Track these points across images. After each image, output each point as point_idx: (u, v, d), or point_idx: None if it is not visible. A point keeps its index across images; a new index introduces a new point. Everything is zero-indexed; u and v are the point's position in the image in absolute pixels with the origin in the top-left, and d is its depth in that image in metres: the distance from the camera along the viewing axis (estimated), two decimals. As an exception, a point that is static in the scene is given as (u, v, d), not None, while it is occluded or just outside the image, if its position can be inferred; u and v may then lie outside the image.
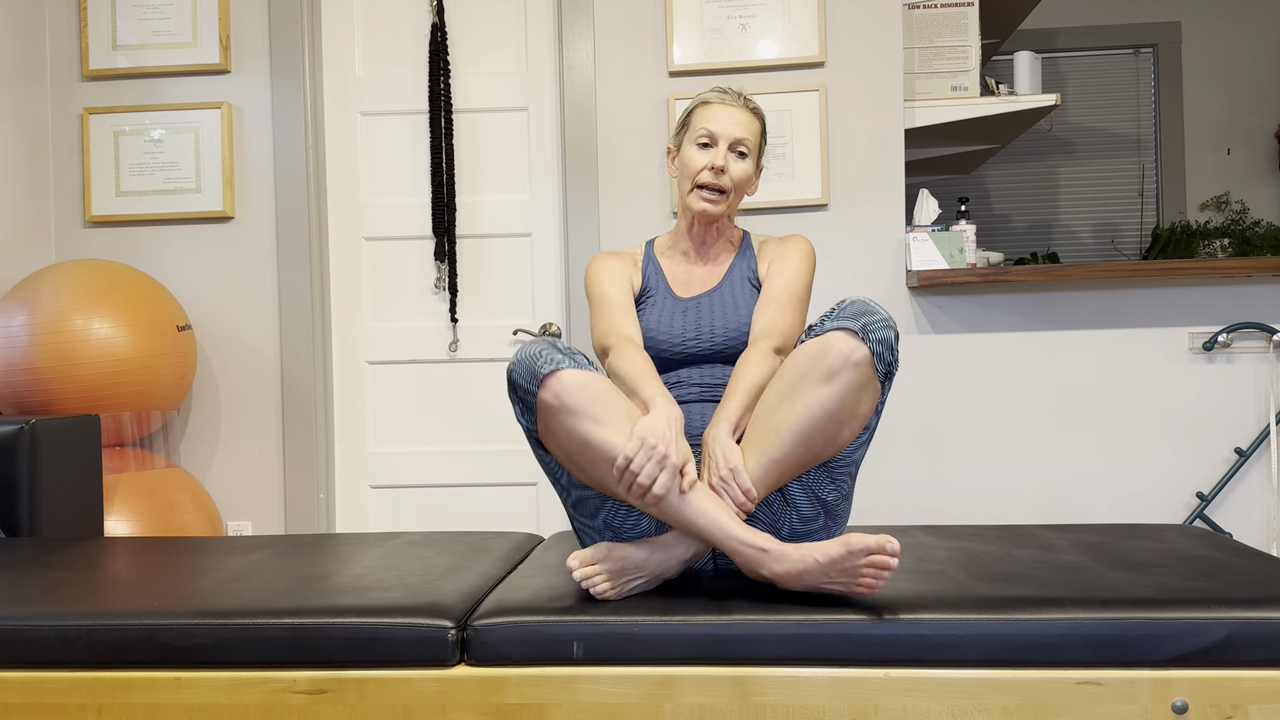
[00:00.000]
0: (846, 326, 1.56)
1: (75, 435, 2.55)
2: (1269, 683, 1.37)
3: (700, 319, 1.89)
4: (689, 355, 1.87)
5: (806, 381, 1.56)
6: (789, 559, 1.48)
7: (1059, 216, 4.96)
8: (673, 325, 1.90)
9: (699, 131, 1.90)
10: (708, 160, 1.87)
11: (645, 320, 1.91)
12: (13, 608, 1.56)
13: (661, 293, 1.95)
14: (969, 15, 3.15)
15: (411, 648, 1.47)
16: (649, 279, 1.97)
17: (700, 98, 1.94)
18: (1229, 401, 3.00)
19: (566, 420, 1.54)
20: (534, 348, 1.59)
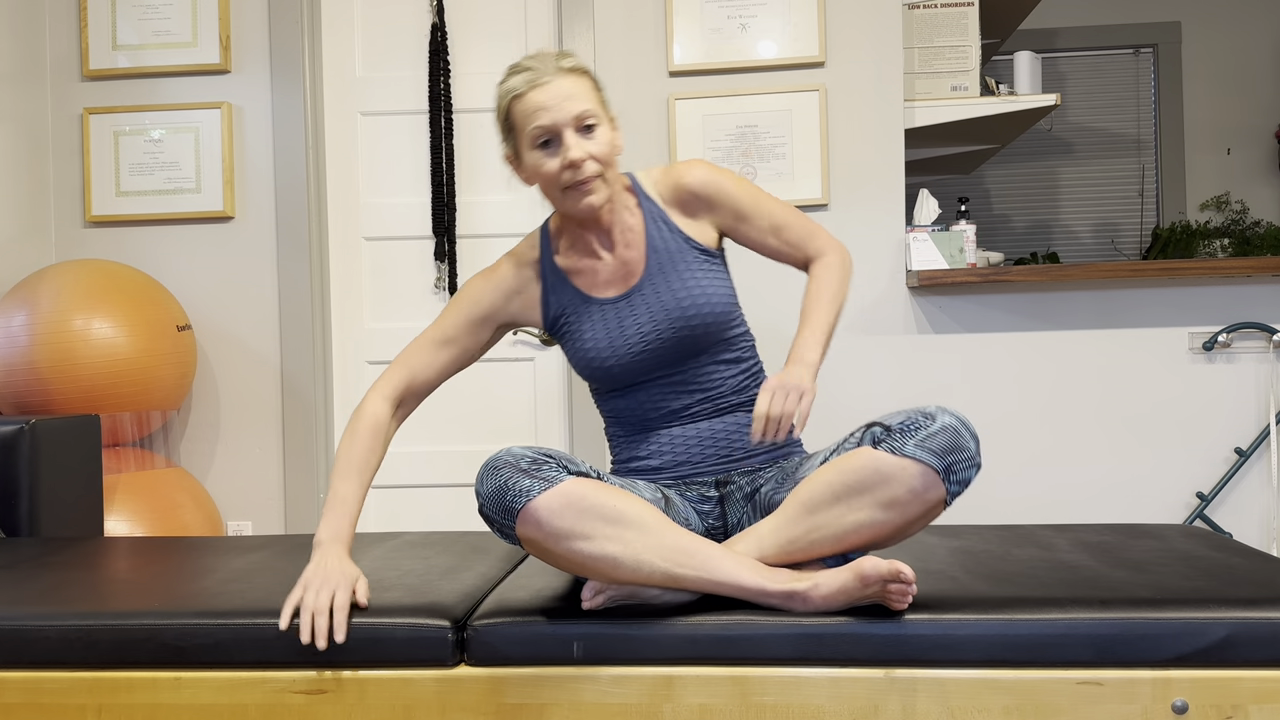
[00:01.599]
0: (930, 463, 1.41)
1: (75, 435, 2.55)
2: (1269, 683, 1.37)
3: (639, 314, 1.65)
4: (646, 364, 1.65)
5: (864, 498, 1.44)
6: (816, 597, 1.44)
7: (1059, 216, 4.97)
8: (612, 337, 1.65)
9: (532, 134, 1.58)
10: (559, 160, 1.58)
11: (579, 344, 1.67)
12: (13, 608, 1.56)
13: (577, 306, 1.68)
14: (969, 15, 3.15)
15: (411, 648, 1.46)
16: (554, 297, 1.69)
17: (509, 91, 1.60)
18: (1229, 401, 3.00)
19: (556, 546, 1.43)
20: (499, 476, 1.43)
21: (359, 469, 1.60)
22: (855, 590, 1.42)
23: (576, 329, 1.69)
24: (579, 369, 1.70)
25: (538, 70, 1.58)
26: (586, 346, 1.67)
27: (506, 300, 1.71)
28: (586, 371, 1.68)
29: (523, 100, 1.58)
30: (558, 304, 1.70)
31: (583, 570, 1.46)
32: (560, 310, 1.70)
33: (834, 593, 1.43)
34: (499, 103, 1.63)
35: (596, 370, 1.67)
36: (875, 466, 1.43)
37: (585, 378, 1.71)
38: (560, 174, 1.59)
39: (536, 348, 3.24)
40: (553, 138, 1.58)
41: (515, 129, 1.62)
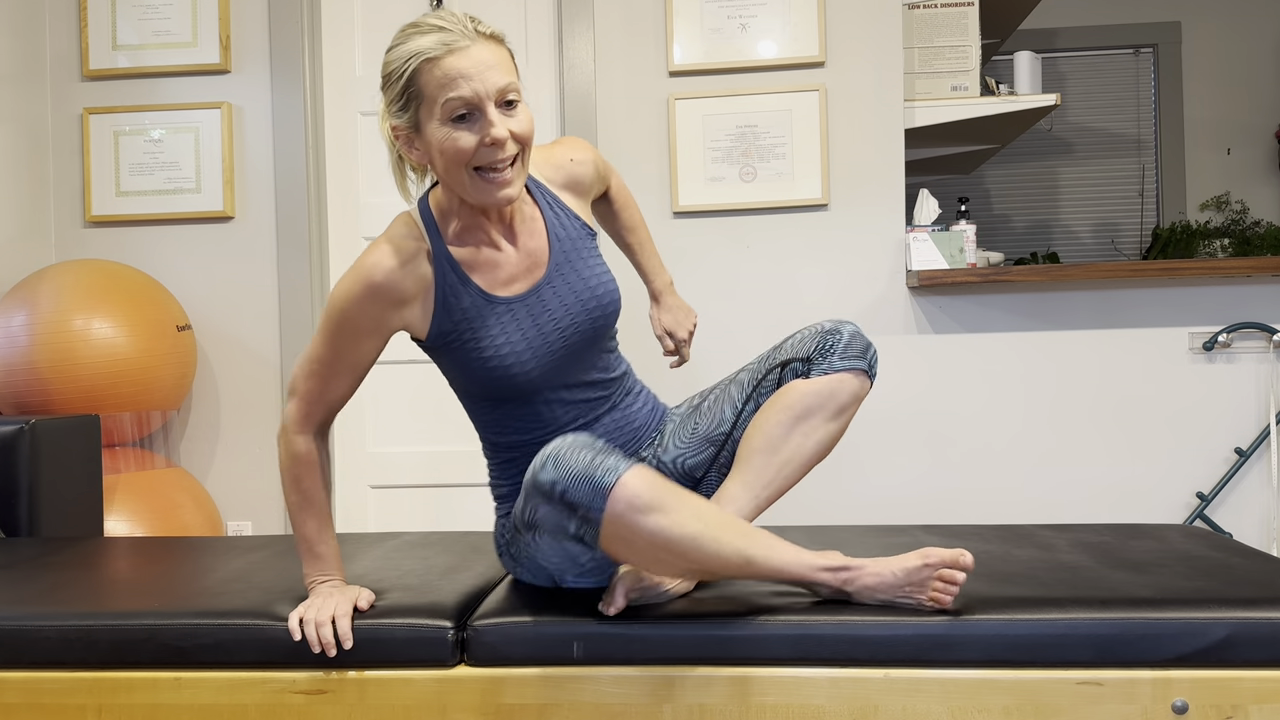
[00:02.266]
0: (858, 367, 1.60)
1: (75, 435, 2.54)
2: (1269, 683, 1.37)
3: (553, 310, 1.53)
4: (560, 363, 1.55)
5: (818, 417, 1.58)
6: (869, 573, 1.46)
7: (1059, 216, 4.97)
8: (530, 339, 1.51)
9: (447, 104, 1.37)
10: (478, 137, 1.39)
11: (489, 351, 1.50)
12: (13, 608, 1.56)
13: (480, 308, 1.50)
14: (969, 15, 3.15)
15: (411, 648, 1.46)
16: (452, 300, 1.49)
17: (417, 53, 1.37)
18: (1229, 401, 3.00)
19: (645, 523, 1.34)
20: (581, 457, 1.34)
21: (310, 507, 1.54)
22: (908, 573, 1.43)
23: (483, 334, 1.50)
24: (482, 379, 1.51)
25: (453, 33, 1.38)
26: (503, 353, 1.49)
27: (398, 308, 1.48)
28: (494, 381, 1.51)
29: (437, 65, 1.37)
30: (456, 309, 1.49)
31: (662, 552, 1.37)
32: (460, 316, 1.49)
33: (883, 572, 1.45)
34: (396, 66, 1.40)
35: (513, 378, 1.51)
36: (817, 390, 1.58)
37: (487, 388, 1.53)
38: (476, 152, 1.40)
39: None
40: (471, 111, 1.39)
41: (422, 97, 1.39)
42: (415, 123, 1.43)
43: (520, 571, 1.62)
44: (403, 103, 1.42)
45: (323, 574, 1.54)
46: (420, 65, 1.38)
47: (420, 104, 1.41)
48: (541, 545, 1.46)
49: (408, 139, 1.46)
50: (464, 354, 1.52)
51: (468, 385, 1.56)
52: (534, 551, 1.50)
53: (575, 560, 1.49)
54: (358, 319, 1.47)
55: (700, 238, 3.13)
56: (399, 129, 1.46)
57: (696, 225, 3.13)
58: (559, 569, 1.55)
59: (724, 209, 3.11)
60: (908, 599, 1.45)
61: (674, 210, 3.12)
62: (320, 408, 1.56)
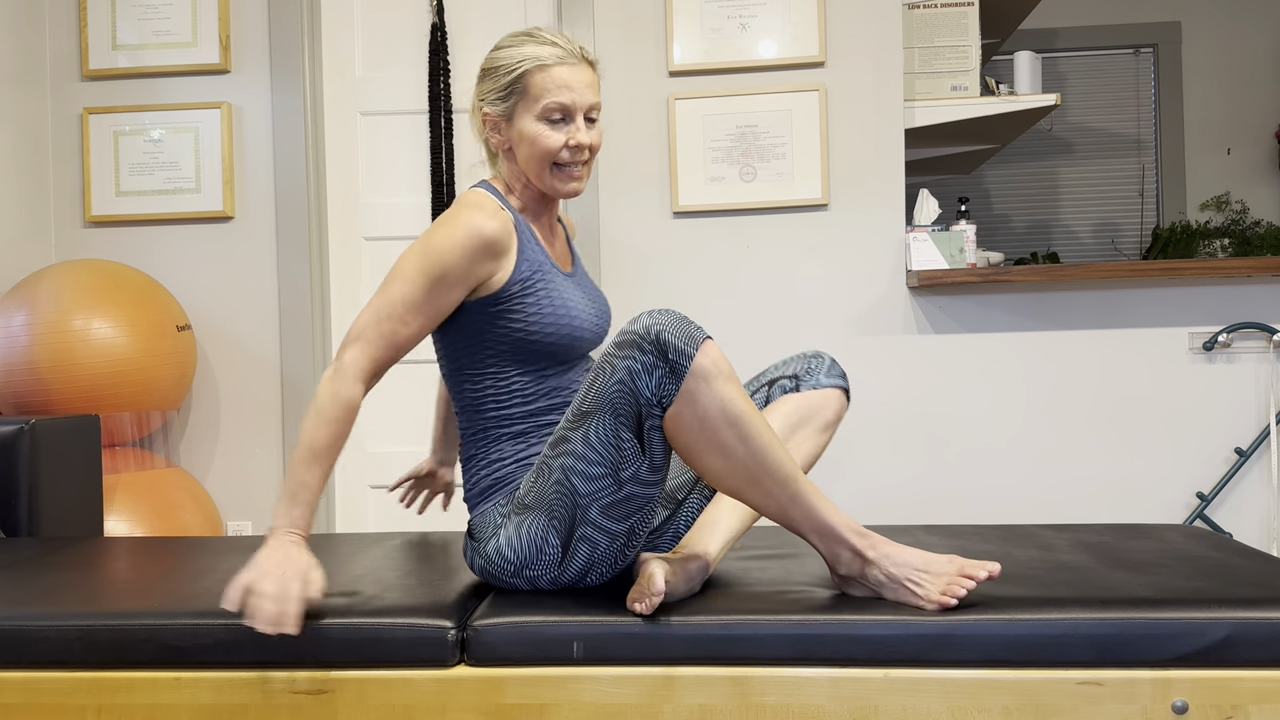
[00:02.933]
0: (842, 385, 1.77)
1: (75, 435, 2.55)
2: (1269, 683, 1.37)
3: (586, 296, 1.72)
4: (594, 346, 1.72)
5: (810, 427, 1.73)
6: (890, 543, 1.50)
7: (1059, 216, 4.97)
8: (587, 309, 1.67)
9: (547, 105, 1.61)
10: (565, 138, 1.62)
11: (560, 303, 1.62)
12: (13, 608, 1.56)
13: (547, 268, 1.64)
14: (969, 15, 3.15)
15: (411, 648, 1.46)
16: (529, 254, 1.63)
17: (533, 58, 1.61)
18: (1229, 401, 3.00)
19: (725, 388, 1.44)
20: (675, 313, 1.47)
21: (326, 455, 1.51)
22: (929, 561, 1.47)
23: (554, 287, 1.63)
24: (549, 330, 1.60)
25: (566, 50, 1.62)
26: (570, 305, 1.62)
27: (496, 259, 1.58)
28: (560, 332, 1.61)
29: (549, 72, 1.61)
30: (534, 260, 1.62)
31: (728, 429, 1.44)
32: (536, 267, 1.62)
33: (906, 549, 1.49)
34: (507, 62, 1.63)
35: (577, 329, 1.62)
36: (810, 402, 1.74)
37: (545, 343, 1.61)
38: (560, 151, 1.62)
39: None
40: (565, 116, 1.62)
41: (525, 94, 1.62)
42: (510, 113, 1.64)
43: (493, 563, 1.59)
44: (504, 94, 1.64)
45: (293, 525, 1.49)
46: (533, 68, 1.61)
47: (521, 99, 1.63)
48: (579, 452, 1.49)
49: (495, 125, 1.67)
50: (537, 303, 1.60)
51: (528, 340, 1.60)
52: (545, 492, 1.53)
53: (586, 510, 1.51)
54: (458, 268, 1.55)
55: (700, 238, 3.13)
56: (490, 115, 1.66)
57: (696, 225, 3.13)
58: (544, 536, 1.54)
59: (724, 209, 3.11)
60: (916, 585, 1.46)
61: (674, 210, 3.12)
62: (389, 352, 1.56)
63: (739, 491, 1.50)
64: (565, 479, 1.52)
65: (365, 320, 1.55)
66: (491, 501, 1.62)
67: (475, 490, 1.65)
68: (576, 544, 1.54)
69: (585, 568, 1.57)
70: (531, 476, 1.57)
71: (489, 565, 1.60)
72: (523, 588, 1.60)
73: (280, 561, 1.44)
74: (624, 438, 1.48)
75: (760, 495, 1.49)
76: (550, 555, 1.56)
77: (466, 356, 1.63)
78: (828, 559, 1.53)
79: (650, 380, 1.44)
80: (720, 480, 1.50)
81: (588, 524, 1.53)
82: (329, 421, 1.51)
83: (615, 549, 1.56)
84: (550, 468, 1.53)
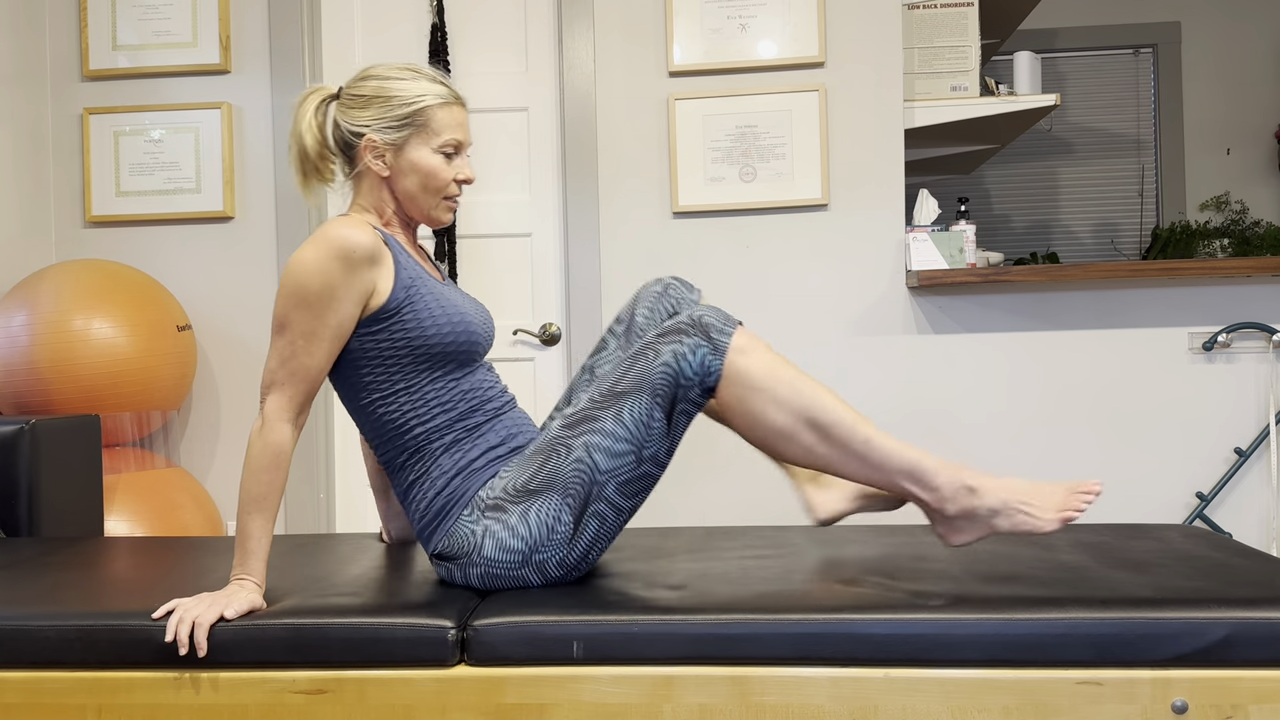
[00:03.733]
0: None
1: (75, 435, 2.55)
2: (1269, 683, 1.37)
3: (479, 306, 1.78)
4: (488, 347, 1.75)
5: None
6: (991, 478, 1.50)
7: (1059, 216, 4.97)
8: (474, 311, 1.72)
9: (445, 139, 1.69)
10: (456, 172, 1.72)
11: (445, 306, 1.65)
12: (13, 608, 1.56)
13: (427, 278, 1.69)
14: (969, 15, 3.16)
15: (411, 648, 1.47)
16: (405, 264, 1.66)
17: (436, 95, 1.70)
18: (1229, 401, 3.00)
19: (766, 353, 1.54)
20: (708, 306, 1.59)
21: (265, 502, 1.55)
22: (1036, 487, 1.47)
23: (437, 291, 1.67)
24: (445, 332, 1.63)
25: (455, 91, 1.73)
26: (459, 305, 1.67)
27: (371, 267, 1.59)
28: (456, 334, 1.64)
29: (449, 110, 1.71)
30: (411, 270, 1.66)
31: (784, 386, 1.51)
32: (415, 275, 1.65)
33: (1008, 481, 1.49)
34: (410, 98, 1.68)
35: (470, 331, 1.66)
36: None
37: (446, 345, 1.63)
38: (450, 184, 1.72)
39: (536, 347, 3.24)
40: (457, 151, 1.72)
41: (425, 128, 1.69)
42: (402, 144, 1.69)
43: (496, 562, 1.60)
44: (399, 124, 1.69)
45: (247, 575, 1.55)
46: (436, 104, 1.69)
47: (418, 132, 1.69)
48: (608, 429, 1.55)
49: (379, 152, 1.70)
50: (426, 307, 1.63)
51: (428, 345, 1.63)
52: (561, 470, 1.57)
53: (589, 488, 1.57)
54: (338, 278, 1.57)
55: (700, 238, 3.13)
56: (376, 142, 1.69)
57: (696, 225, 3.13)
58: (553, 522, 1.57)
59: (724, 209, 3.11)
60: (1029, 507, 1.46)
61: (674, 210, 3.12)
62: (304, 386, 1.58)
63: (812, 449, 1.53)
64: (588, 456, 1.58)
65: (272, 367, 1.58)
66: (452, 518, 1.63)
67: (430, 514, 1.65)
68: (587, 520, 1.60)
69: (591, 544, 1.61)
70: (537, 459, 1.61)
71: (491, 567, 1.60)
72: (530, 580, 1.61)
73: (220, 595, 1.51)
74: (655, 418, 1.56)
75: (835, 448, 1.51)
76: (561, 533, 1.59)
77: (372, 381, 1.64)
78: (930, 503, 1.51)
79: (695, 359, 1.53)
80: (790, 440, 1.53)
81: (602, 500, 1.59)
82: (262, 470, 1.55)
83: (618, 525, 1.63)
84: (570, 447, 1.59)
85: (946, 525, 1.51)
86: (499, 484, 1.62)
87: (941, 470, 1.49)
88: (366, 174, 1.72)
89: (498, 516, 1.60)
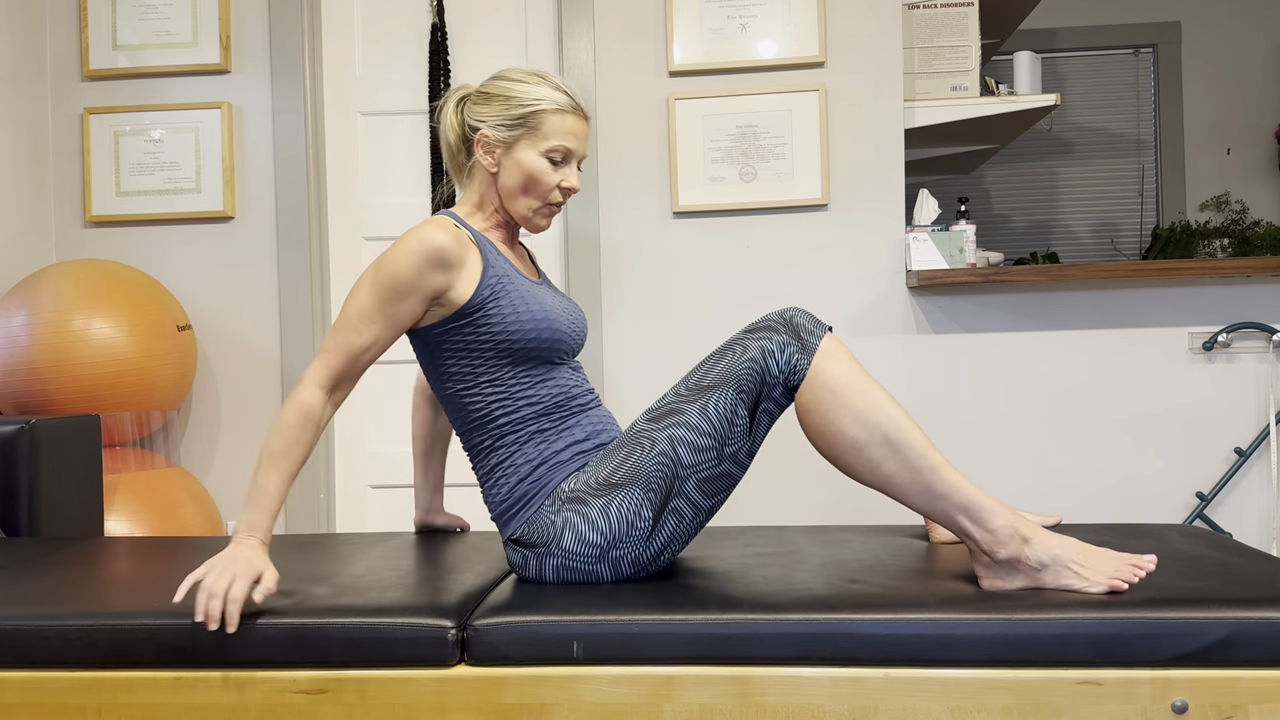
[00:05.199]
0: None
1: (75, 435, 2.55)
2: (1269, 683, 1.37)
3: (558, 301, 1.77)
4: (575, 348, 1.75)
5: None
6: (1048, 533, 1.49)
7: (1059, 216, 4.97)
8: (562, 310, 1.74)
9: (553, 145, 1.71)
10: (561, 179, 1.73)
11: (532, 305, 1.67)
12: (13, 608, 1.56)
13: (512, 274, 1.70)
14: (969, 15, 3.16)
15: (411, 647, 1.46)
16: (493, 262, 1.68)
17: (553, 101, 1.72)
18: (1229, 401, 3.00)
19: (851, 363, 1.54)
20: (799, 309, 1.62)
21: (282, 460, 1.56)
22: (1087, 550, 1.47)
23: (524, 289, 1.68)
24: (527, 329, 1.65)
25: (577, 101, 1.74)
26: (546, 305, 1.69)
27: (448, 270, 1.62)
28: (539, 330, 1.66)
29: (564, 117, 1.72)
30: (499, 269, 1.68)
31: (861, 399, 1.51)
32: (503, 273, 1.67)
33: (1065, 539, 1.48)
34: (528, 99, 1.71)
35: (554, 330, 1.67)
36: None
37: (529, 341, 1.66)
38: (554, 189, 1.73)
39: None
40: (565, 160, 1.74)
41: (536, 130, 1.72)
42: (512, 143, 1.72)
43: (574, 555, 1.61)
44: (513, 123, 1.72)
45: (253, 530, 1.54)
46: (551, 109, 1.71)
47: (529, 133, 1.72)
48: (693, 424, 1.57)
49: (490, 148, 1.74)
50: (511, 304, 1.65)
51: (510, 341, 1.65)
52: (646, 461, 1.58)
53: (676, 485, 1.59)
54: (408, 277, 1.60)
55: (700, 238, 3.13)
56: (489, 138, 1.73)
57: (696, 225, 3.13)
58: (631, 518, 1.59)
59: (724, 209, 3.11)
60: (1080, 568, 1.46)
61: (674, 210, 3.12)
62: (344, 359, 1.61)
63: (879, 465, 1.52)
64: (671, 449, 1.59)
65: (326, 336, 1.66)
66: (533, 507, 1.65)
67: (511, 500, 1.66)
68: (666, 516, 1.61)
69: (667, 542, 1.62)
70: (620, 453, 1.62)
71: (569, 559, 1.62)
72: (603, 575, 1.63)
73: (232, 561, 1.49)
74: (740, 414, 1.57)
75: (902, 468, 1.51)
76: (641, 528, 1.60)
77: (458, 371, 1.67)
78: (981, 543, 1.50)
79: (782, 357, 1.55)
80: (860, 452, 1.53)
81: (681, 496, 1.60)
82: (283, 426, 1.57)
83: (696, 524, 1.64)
84: (654, 440, 1.60)
85: (991, 569, 1.50)
86: (583, 477, 1.64)
87: (1000, 513, 1.49)
88: (478, 168, 1.77)
89: (578, 509, 1.61)
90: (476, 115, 1.75)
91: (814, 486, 3.11)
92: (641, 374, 3.14)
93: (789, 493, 3.11)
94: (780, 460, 3.11)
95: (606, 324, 3.15)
